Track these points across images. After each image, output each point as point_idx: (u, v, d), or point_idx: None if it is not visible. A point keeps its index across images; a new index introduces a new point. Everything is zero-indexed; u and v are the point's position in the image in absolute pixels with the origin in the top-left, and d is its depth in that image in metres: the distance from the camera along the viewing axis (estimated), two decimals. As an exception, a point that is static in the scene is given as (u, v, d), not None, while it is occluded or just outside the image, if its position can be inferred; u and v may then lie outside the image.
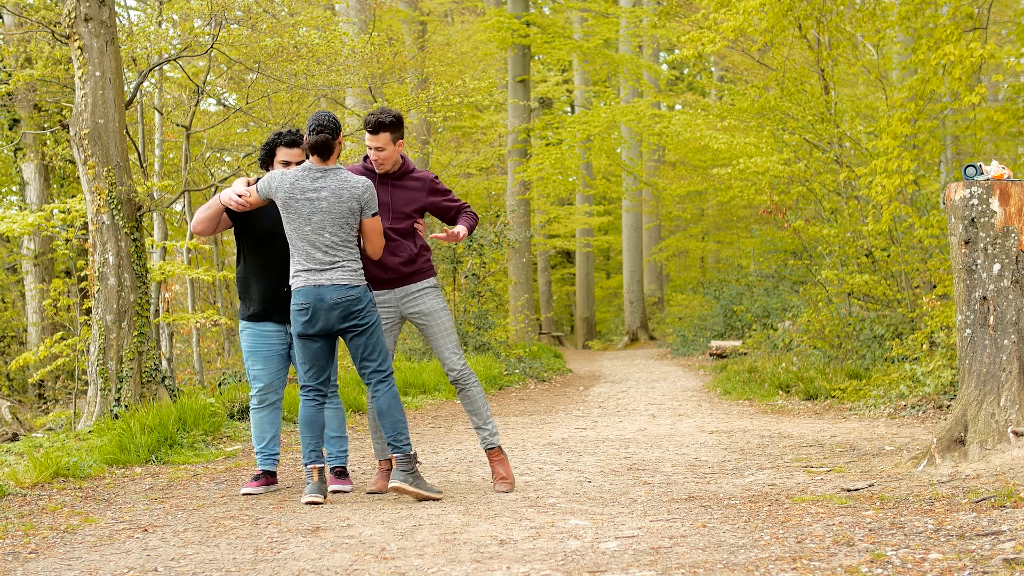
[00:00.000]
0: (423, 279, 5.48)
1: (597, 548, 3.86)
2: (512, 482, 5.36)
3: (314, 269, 5.04)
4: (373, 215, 5.15)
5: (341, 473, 5.66)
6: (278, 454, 5.73)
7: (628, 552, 3.77)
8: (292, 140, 5.61)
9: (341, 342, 7.06)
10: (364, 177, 5.22)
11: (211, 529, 4.52)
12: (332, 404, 5.67)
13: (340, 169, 5.13)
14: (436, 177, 5.63)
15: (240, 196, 5.30)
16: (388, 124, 5.30)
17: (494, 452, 5.41)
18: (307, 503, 5.04)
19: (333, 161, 5.13)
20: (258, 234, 5.60)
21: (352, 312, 5.05)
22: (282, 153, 5.59)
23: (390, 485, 5.06)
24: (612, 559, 3.67)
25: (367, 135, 5.36)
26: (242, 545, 4.15)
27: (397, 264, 5.39)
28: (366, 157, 5.48)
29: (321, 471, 5.08)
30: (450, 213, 5.58)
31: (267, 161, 5.69)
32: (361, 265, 5.16)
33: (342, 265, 5.06)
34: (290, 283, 5.16)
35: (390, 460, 5.44)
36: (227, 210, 5.54)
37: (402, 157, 5.49)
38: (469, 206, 5.67)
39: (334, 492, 5.51)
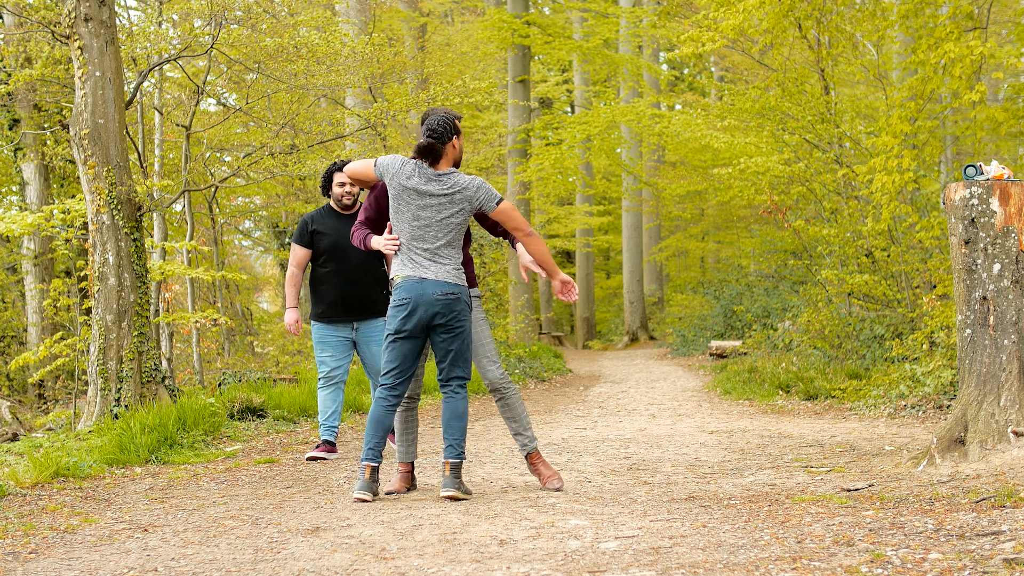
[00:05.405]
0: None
1: (597, 548, 3.86)
2: (560, 477, 5.41)
3: (419, 265, 5.08)
4: (498, 204, 5.13)
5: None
6: (338, 427, 6.85)
7: (628, 552, 3.77)
8: (344, 164, 6.75)
9: None
10: (475, 177, 5.18)
11: (211, 529, 4.52)
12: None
13: (454, 172, 5.12)
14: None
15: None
16: None
17: (534, 456, 5.44)
18: (355, 499, 5.07)
19: (446, 165, 5.12)
20: (327, 247, 6.73)
21: (451, 311, 5.06)
22: (337, 177, 6.77)
23: (444, 494, 5.05)
24: (612, 559, 3.67)
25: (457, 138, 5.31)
26: (242, 545, 4.15)
27: None
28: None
29: (374, 470, 5.12)
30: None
31: (327, 187, 6.86)
32: (461, 273, 5.16)
33: (446, 264, 5.09)
34: (391, 279, 5.20)
35: (411, 464, 5.47)
36: (313, 231, 6.75)
37: None
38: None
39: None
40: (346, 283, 6.76)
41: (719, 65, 28.79)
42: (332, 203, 6.89)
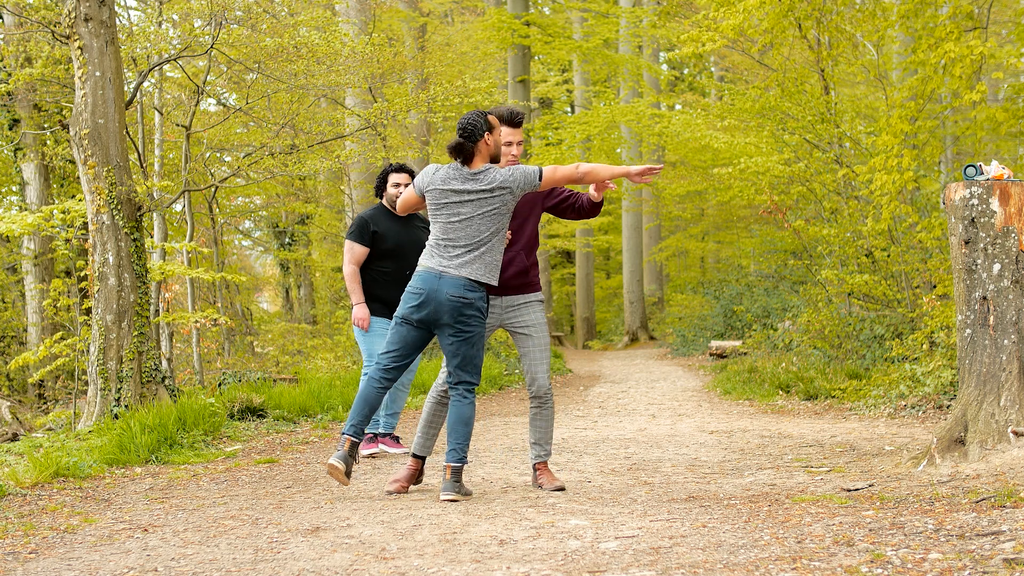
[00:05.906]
0: (531, 292, 5.46)
1: (597, 548, 3.86)
2: (561, 481, 5.42)
3: (443, 258, 5.08)
4: (541, 177, 5.10)
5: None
6: (378, 420, 7.00)
7: (628, 552, 3.77)
8: (400, 167, 6.94)
9: None
10: (510, 166, 5.15)
11: (211, 529, 4.52)
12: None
13: (490, 168, 5.13)
14: None
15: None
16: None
17: (542, 465, 5.45)
18: (327, 464, 5.10)
19: (479, 163, 5.14)
20: (390, 248, 6.81)
21: (461, 314, 5.06)
22: (392, 178, 6.89)
23: (444, 497, 5.04)
24: (612, 559, 3.67)
25: (507, 130, 5.30)
26: (242, 545, 4.15)
27: (505, 277, 5.35)
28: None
29: (354, 445, 5.14)
30: (568, 201, 5.49)
31: (381, 188, 6.96)
32: (493, 272, 5.13)
33: (472, 265, 5.07)
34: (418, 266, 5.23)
35: (423, 460, 5.46)
36: (374, 231, 6.80)
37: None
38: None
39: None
40: (405, 282, 6.77)
41: (719, 65, 28.77)
42: (386, 203, 6.93)
